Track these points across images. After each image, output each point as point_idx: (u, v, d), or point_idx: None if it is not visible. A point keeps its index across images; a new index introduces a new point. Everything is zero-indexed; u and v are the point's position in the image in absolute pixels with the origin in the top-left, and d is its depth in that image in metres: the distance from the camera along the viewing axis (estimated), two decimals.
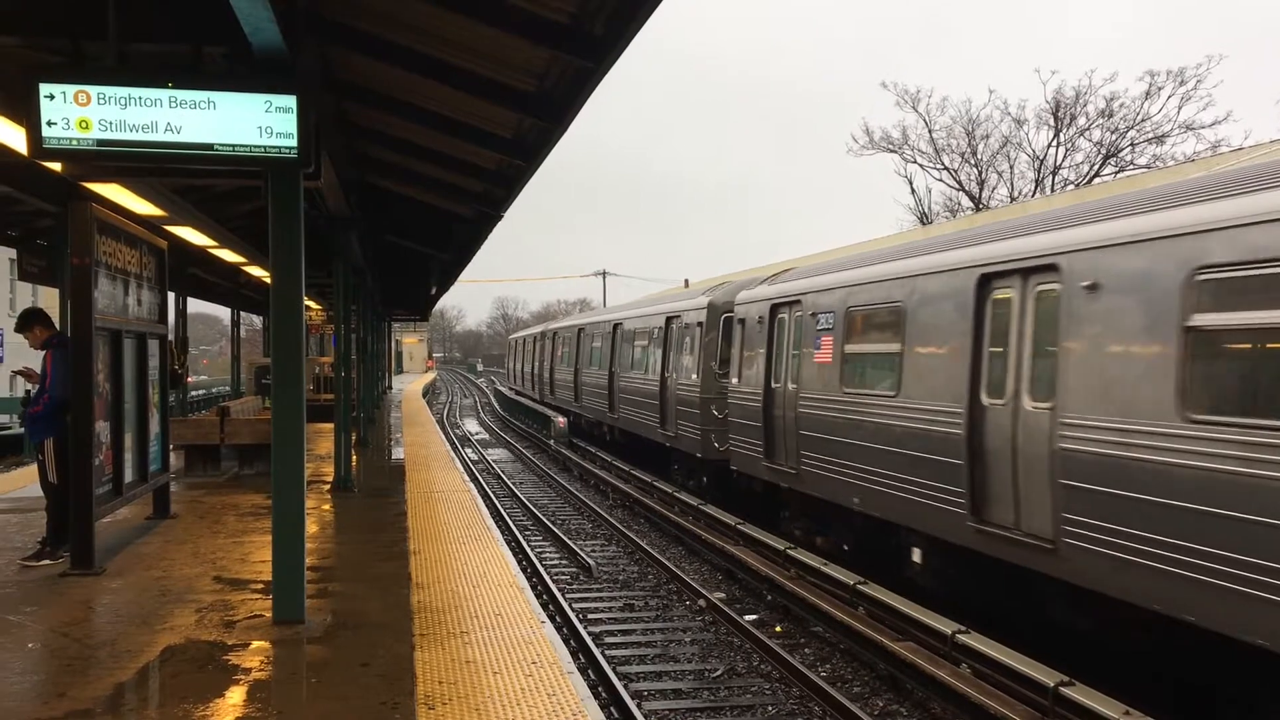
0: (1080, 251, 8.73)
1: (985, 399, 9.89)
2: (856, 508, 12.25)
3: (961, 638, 9.14)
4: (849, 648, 10.37)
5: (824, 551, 13.32)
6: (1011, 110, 44.67)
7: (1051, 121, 42.54)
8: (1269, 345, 7.05)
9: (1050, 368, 9.00)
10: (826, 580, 11.85)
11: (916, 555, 11.33)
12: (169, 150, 6.49)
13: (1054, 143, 43.08)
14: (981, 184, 45.65)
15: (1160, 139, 40.12)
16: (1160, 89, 39.16)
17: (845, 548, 13.14)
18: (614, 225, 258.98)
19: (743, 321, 16.76)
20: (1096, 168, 41.63)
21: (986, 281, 10.01)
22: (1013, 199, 42.99)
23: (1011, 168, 44.93)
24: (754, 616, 11.73)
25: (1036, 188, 43.11)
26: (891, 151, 46.71)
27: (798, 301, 14.47)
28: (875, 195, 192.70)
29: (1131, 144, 40.98)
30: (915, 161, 46.63)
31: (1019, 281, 9.54)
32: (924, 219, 45.23)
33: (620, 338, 25.82)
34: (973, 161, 45.66)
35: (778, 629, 11.34)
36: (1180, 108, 39.57)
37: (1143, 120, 40.37)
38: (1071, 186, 39.84)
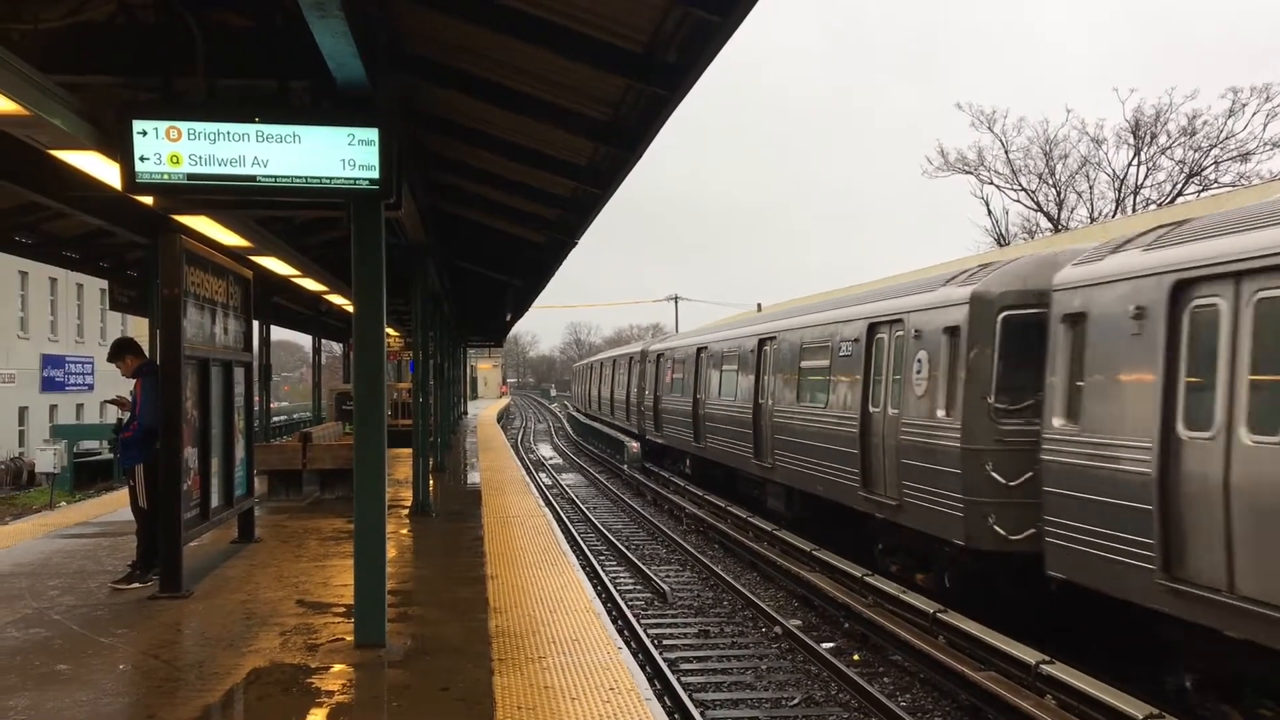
0: None
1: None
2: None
3: (1045, 668, 8.94)
4: (929, 677, 10.20)
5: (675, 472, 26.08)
6: (1090, 129, 43.69)
7: (1131, 140, 41.76)
8: None
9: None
10: (905, 608, 11.69)
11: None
12: (256, 183, 6.67)
13: (1134, 162, 42.28)
14: (1060, 204, 44.91)
15: (1245, 156, 39.18)
16: (1244, 106, 38.27)
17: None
18: (688, 250, 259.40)
19: (650, 361, 31.66)
20: (1179, 187, 40.76)
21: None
22: (1092, 219, 42.20)
23: (1091, 188, 44.15)
24: (831, 644, 11.60)
25: (1117, 208, 42.30)
26: (967, 173, 46.20)
27: (663, 354, 29.83)
28: (946, 216, 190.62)
29: (1215, 162, 40.08)
30: (991, 183, 46.04)
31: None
32: (1000, 240, 44.57)
33: (614, 368, 41.39)
34: (1051, 182, 44.95)
35: (856, 657, 11.20)
36: (1266, 125, 38.63)
37: (1227, 138, 39.47)
38: (1154, 206, 39.00)
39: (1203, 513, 8.04)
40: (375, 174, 6.72)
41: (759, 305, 31.21)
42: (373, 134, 6.71)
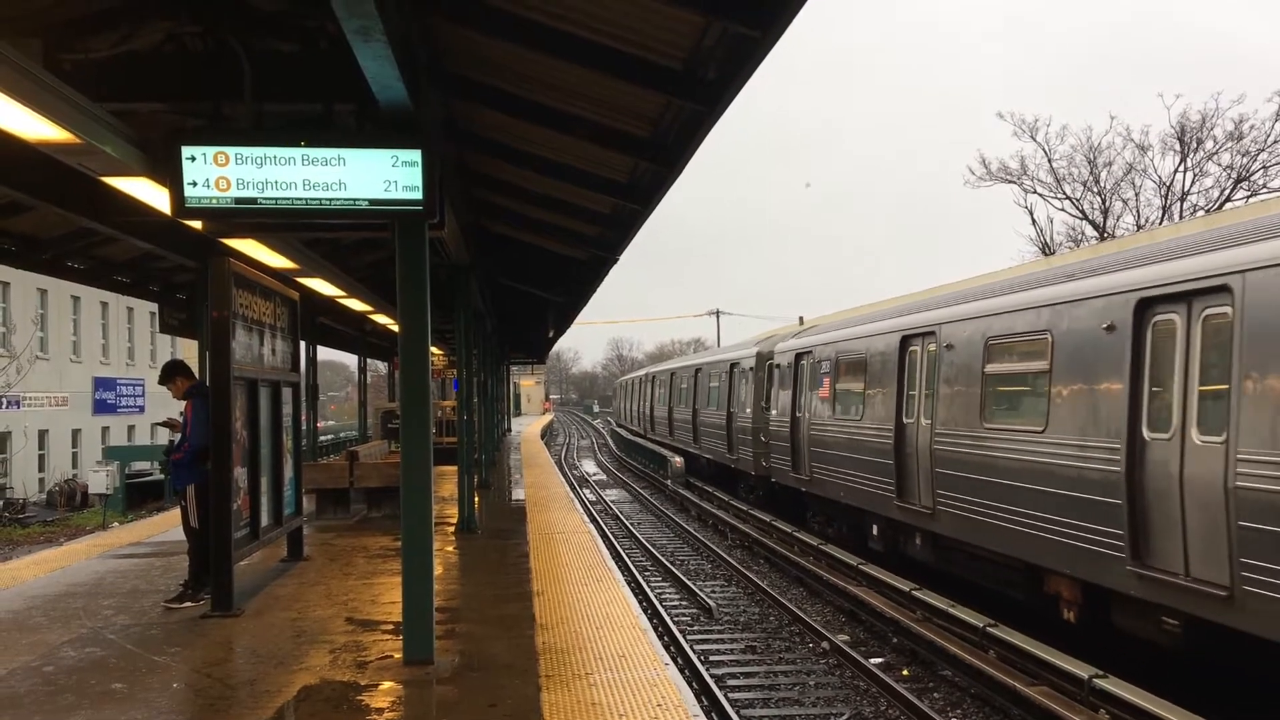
0: None
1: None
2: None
3: (1099, 682, 8.81)
4: (980, 692, 10.08)
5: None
6: (1134, 136, 43.16)
7: (1177, 147, 41.22)
8: None
9: None
10: (954, 622, 11.57)
11: None
12: (302, 206, 6.76)
13: (1181, 168, 41.72)
14: (1105, 212, 44.38)
15: None
16: None
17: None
18: (730, 263, 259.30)
19: (650, 380, 46.67)
20: (1227, 192, 40.16)
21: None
22: (1139, 227, 41.66)
23: (1137, 195, 43.60)
24: (880, 659, 11.50)
25: (1164, 215, 41.75)
26: (1010, 182, 45.79)
27: (654, 376, 45.28)
28: (990, 226, 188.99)
29: (1264, 167, 39.44)
30: (1035, 191, 45.60)
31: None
32: (1045, 250, 44.13)
33: (630, 386, 57.67)
34: (1095, 190, 44.44)
35: (905, 672, 11.09)
36: None
37: (1275, 142, 38.84)
38: (1201, 212, 38.44)
39: (802, 444, 19.74)
40: (419, 194, 6.79)
41: (800, 318, 31.24)
42: (416, 155, 6.78)
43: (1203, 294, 8.89)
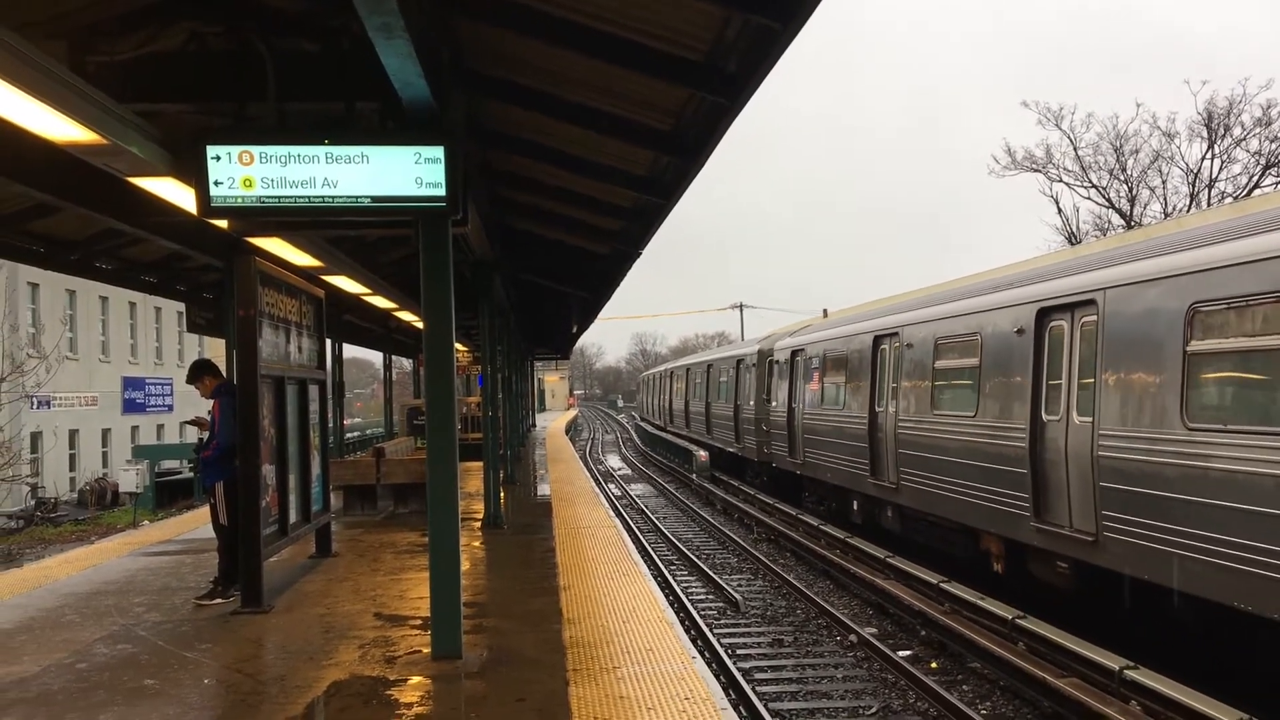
0: None
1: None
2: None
3: (1130, 673, 8.75)
4: (1009, 684, 10.03)
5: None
6: (1161, 124, 42.66)
7: (1204, 133, 40.74)
8: None
9: None
10: (982, 614, 11.52)
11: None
12: (326, 203, 6.79)
13: (1208, 155, 41.24)
14: (1132, 200, 43.93)
15: None
16: None
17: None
18: (756, 255, 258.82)
19: (669, 375, 50.34)
20: (1256, 178, 39.68)
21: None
22: (1166, 215, 41.26)
23: (1164, 183, 43.11)
24: (908, 652, 11.45)
25: (1191, 202, 41.31)
26: (1035, 171, 45.36)
27: (672, 372, 49.61)
28: (1012, 216, 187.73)
29: None
30: (1061, 180, 45.17)
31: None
32: (1072, 239, 43.77)
33: (652, 381, 62.07)
34: (1122, 178, 43.99)
35: (933, 665, 11.05)
36: None
37: None
38: (1230, 199, 38.03)
39: (797, 432, 22.15)
40: (442, 191, 6.81)
41: (825, 311, 31.23)
42: (439, 152, 6.80)
43: (1080, 305, 11.12)
